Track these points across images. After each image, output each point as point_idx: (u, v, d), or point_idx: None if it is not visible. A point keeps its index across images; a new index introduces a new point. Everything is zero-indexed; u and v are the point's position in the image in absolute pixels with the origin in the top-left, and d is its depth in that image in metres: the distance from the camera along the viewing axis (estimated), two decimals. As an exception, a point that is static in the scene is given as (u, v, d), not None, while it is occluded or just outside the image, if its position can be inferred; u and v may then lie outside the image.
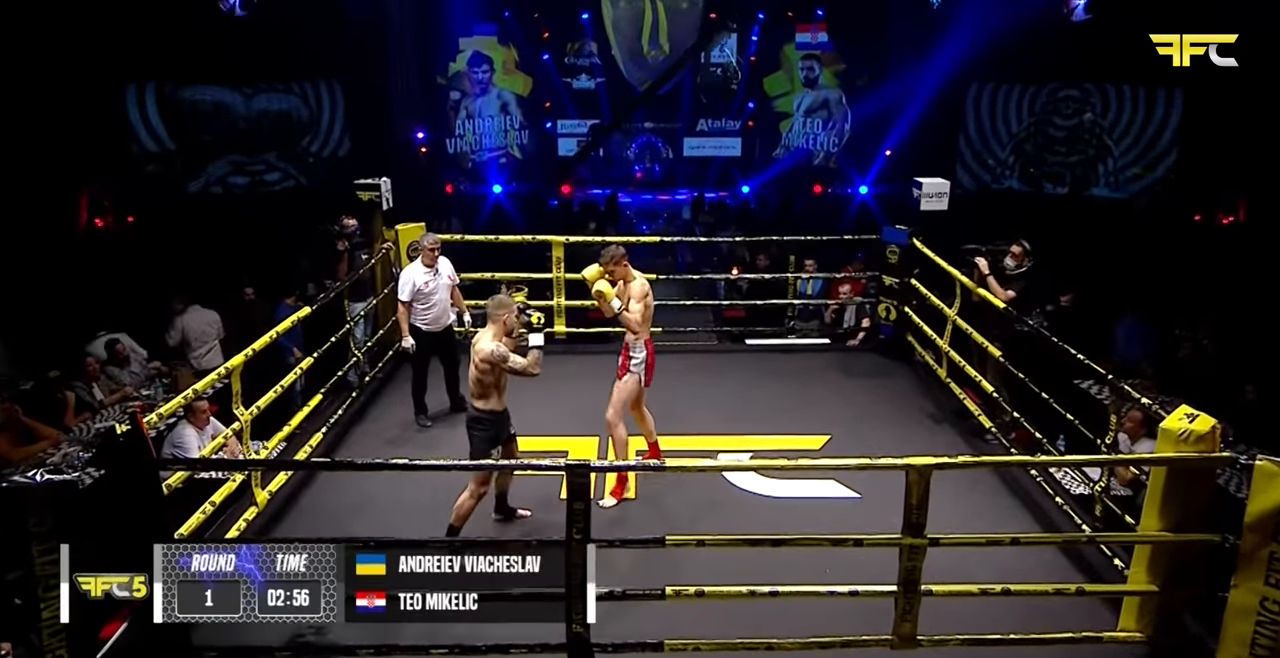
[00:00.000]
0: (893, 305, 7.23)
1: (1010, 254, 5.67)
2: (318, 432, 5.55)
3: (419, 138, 14.20)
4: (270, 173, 12.28)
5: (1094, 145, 12.26)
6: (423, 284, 5.83)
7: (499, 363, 4.17)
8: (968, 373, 5.84)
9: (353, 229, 6.86)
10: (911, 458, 3.48)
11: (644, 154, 16.75)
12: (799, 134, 15.73)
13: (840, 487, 5.02)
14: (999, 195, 12.81)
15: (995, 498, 4.98)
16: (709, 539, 3.68)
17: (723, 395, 6.30)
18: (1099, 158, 12.26)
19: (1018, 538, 3.80)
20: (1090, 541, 4.26)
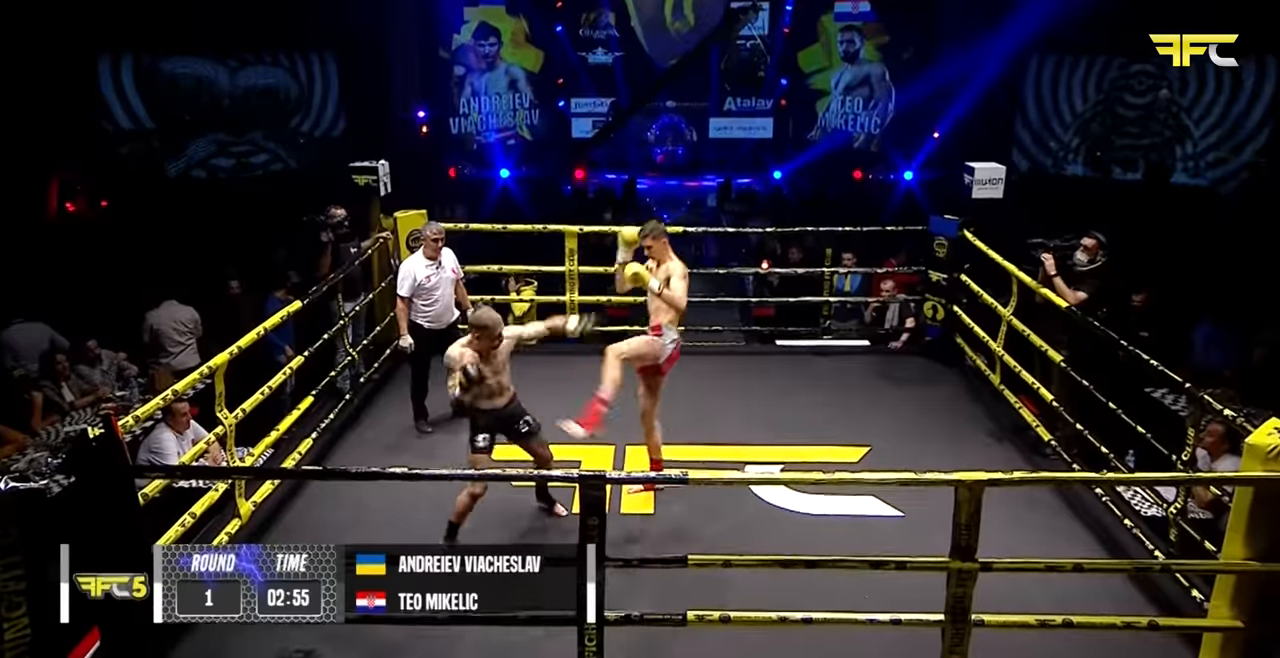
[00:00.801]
0: (940, 304, 7.19)
1: (1082, 247, 5.61)
2: (308, 437, 5.59)
3: (419, 117, 14.28)
4: (257, 154, 12.39)
5: (1171, 126, 12.07)
6: (424, 278, 5.84)
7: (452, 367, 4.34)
8: (1024, 379, 5.80)
9: (339, 220, 6.82)
10: (961, 473, 3.45)
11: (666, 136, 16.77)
12: (837, 114, 15.68)
13: (880, 504, 5.00)
14: (1061, 182, 12.69)
15: (1055, 519, 4.94)
16: (735, 560, 3.67)
17: (751, 402, 6.29)
18: (1176, 140, 12.07)
19: (1081, 564, 3.76)
20: (1165, 569, 4.22)
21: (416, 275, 5.82)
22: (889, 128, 15.23)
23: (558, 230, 7.17)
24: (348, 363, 6.31)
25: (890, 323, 8.08)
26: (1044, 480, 4.90)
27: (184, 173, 11.85)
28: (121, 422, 3.60)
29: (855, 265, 8.03)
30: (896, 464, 5.21)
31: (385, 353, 6.89)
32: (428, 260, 5.86)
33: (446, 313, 5.99)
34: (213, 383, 4.56)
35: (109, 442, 3.43)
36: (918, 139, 14.28)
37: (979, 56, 12.79)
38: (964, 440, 5.87)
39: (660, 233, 4.95)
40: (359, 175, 6.86)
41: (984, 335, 6.44)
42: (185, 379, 4.33)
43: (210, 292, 8.27)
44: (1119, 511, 4.89)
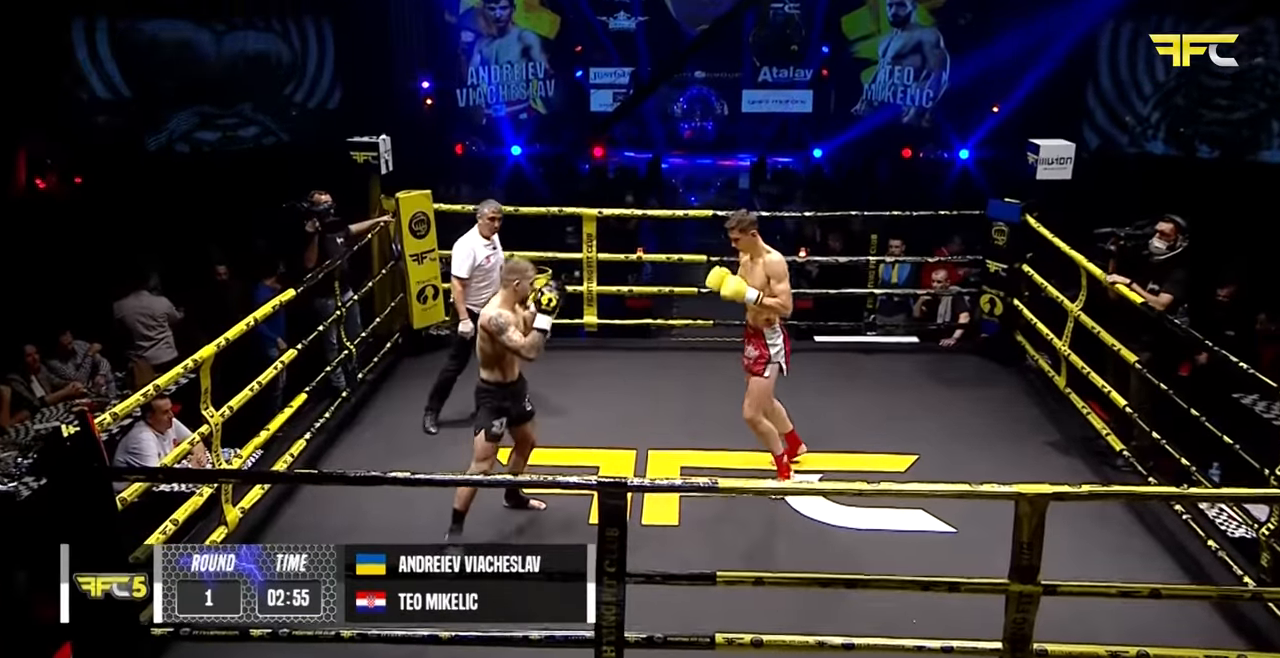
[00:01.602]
0: (998, 297, 7.14)
1: (1158, 233, 5.53)
2: (300, 438, 5.64)
3: (424, 88, 14.34)
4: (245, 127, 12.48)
5: (1266, 98, 11.85)
6: (483, 259, 5.89)
7: (495, 334, 4.51)
8: (1093, 382, 5.75)
9: (324, 207, 6.82)
10: (1022, 485, 3.43)
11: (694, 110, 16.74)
12: (885, 86, 15.59)
13: (930, 518, 4.99)
14: (1138, 161, 12.56)
15: (1128, 538, 4.91)
16: (769, 577, 3.67)
17: (786, 404, 6.25)
18: (1272, 114, 11.87)
19: (1158, 589, 3.72)
20: (1255, 597, 4.17)
21: (476, 255, 5.87)
22: (943, 101, 15.13)
23: (575, 213, 7.18)
24: (344, 358, 6.35)
25: (942, 318, 8.04)
26: (1116, 495, 4.83)
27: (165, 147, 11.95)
28: (98, 419, 3.63)
29: (903, 254, 8.00)
30: (948, 475, 5.15)
31: (384, 347, 6.93)
32: (484, 239, 5.93)
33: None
34: (197, 378, 4.59)
35: (84, 441, 3.47)
36: (975, 113, 14.19)
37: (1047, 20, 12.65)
38: (1024, 449, 5.84)
39: (750, 224, 4.94)
40: (357, 152, 6.90)
41: (1048, 333, 6.39)
42: (167, 374, 4.35)
43: (195, 278, 8.34)
44: (1202, 531, 4.84)
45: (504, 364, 4.67)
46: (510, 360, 4.67)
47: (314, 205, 6.75)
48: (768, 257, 4.93)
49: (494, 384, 4.69)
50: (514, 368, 4.71)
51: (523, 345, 4.50)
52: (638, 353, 7.33)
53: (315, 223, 6.73)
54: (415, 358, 7.17)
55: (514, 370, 4.72)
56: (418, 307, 7.03)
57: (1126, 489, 4.95)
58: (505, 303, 4.60)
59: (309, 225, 6.70)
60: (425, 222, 6.93)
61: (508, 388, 4.71)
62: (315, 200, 6.77)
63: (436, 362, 7.08)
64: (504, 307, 4.59)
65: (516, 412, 4.79)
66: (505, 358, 4.64)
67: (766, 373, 5.06)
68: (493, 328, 4.52)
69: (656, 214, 8.41)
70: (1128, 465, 5.48)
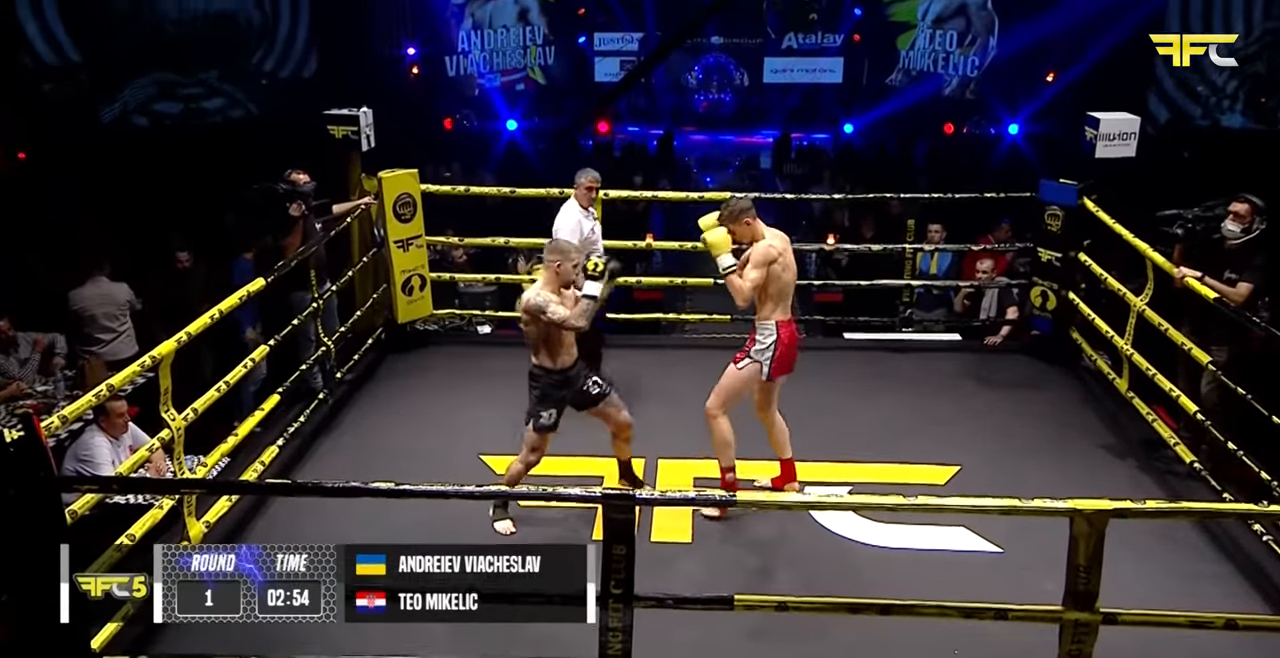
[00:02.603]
0: (1051, 290, 7.13)
1: (1231, 215, 5.49)
2: (272, 444, 5.65)
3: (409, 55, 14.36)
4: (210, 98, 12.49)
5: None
6: (588, 231, 6.15)
7: (536, 314, 4.73)
8: (1160, 384, 5.73)
9: (308, 188, 6.77)
10: (1078, 500, 3.41)
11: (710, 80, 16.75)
12: (924, 53, 15.56)
13: (973, 536, 4.98)
14: (1213, 136, 12.50)
15: (1199, 562, 4.89)
16: (792, 601, 3.64)
17: (812, 409, 6.25)
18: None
19: (1234, 620, 3.70)
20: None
21: (583, 227, 6.12)
22: (990, 70, 15.08)
23: (577, 194, 7.17)
24: (320, 355, 6.35)
25: (987, 313, 8.03)
26: (1186, 512, 4.79)
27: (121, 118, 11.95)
28: (45, 423, 3.64)
29: (944, 241, 7.97)
30: (994, 488, 5.11)
31: (366, 344, 6.93)
32: (584, 210, 6.18)
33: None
34: (156, 377, 4.60)
35: (29, 447, 3.46)
36: (1026, 83, 14.14)
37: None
38: (1081, 460, 5.82)
39: (740, 214, 4.94)
40: (335, 126, 6.89)
41: (1108, 330, 6.37)
42: (123, 372, 4.36)
43: (154, 264, 8.35)
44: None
45: (552, 348, 4.84)
46: (559, 344, 4.85)
47: (296, 186, 6.67)
48: (757, 244, 4.93)
49: (543, 370, 4.88)
50: (564, 352, 4.88)
51: (567, 317, 4.70)
52: (646, 351, 7.32)
53: (301, 205, 6.65)
54: (400, 356, 7.19)
55: (565, 355, 4.89)
56: (403, 299, 7.03)
57: (1197, 506, 4.90)
58: (547, 285, 4.81)
59: (293, 209, 6.61)
60: (411, 204, 6.94)
61: (558, 374, 4.89)
62: (295, 180, 6.68)
63: (423, 360, 7.15)
64: (545, 288, 4.79)
65: (575, 398, 4.97)
66: (552, 341, 4.83)
67: (740, 366, 5.03)
68: (533, 309, 4.72)
69: (668, 196, 8.41)
70: (1199, 479, 5.45)
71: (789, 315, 5.03)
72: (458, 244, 8.04)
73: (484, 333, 8.33)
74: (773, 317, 4.98)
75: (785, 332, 4.99)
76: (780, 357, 4.99)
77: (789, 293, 5.00)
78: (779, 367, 5.01)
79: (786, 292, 4.98)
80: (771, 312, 4.97)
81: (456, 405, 6.45)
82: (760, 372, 5.01)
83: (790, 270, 4.99)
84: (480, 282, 8.27)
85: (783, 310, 4.99)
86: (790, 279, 4.99)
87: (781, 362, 5.00)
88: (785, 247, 4.99)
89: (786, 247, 5.00)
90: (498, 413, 6.29)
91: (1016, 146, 13.90)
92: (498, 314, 8.27)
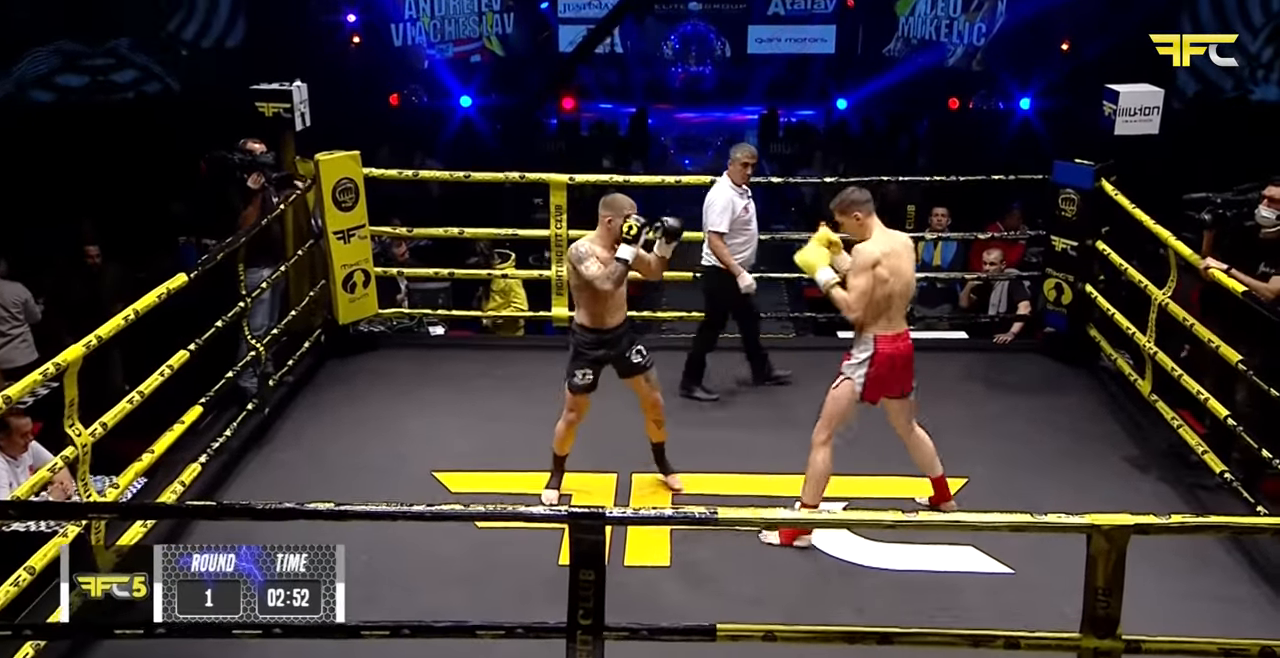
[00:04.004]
0: (1066, 282, 7.17)
1: (1265, 200, 5.51)
2: (195, 461, 5.59)
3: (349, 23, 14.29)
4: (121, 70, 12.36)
5: None
6: (741, 209, 6.41)
7: (575, 264, 5.10)
8: (1187, 386, 5.77)
9: (267, 158, 6.70)
10: (1096, 515, 3.43)
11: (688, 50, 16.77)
12: (926, 20, 15.65)
13: (982, 556, 4.99)
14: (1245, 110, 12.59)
15: (1231, 583, 4.91)
16: (782, 631, 3.65)
17: (804, 415, 6.26)
18: None
19: (1271, 647, 3.71)
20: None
21: (735, 205, 6.37)
22: (998, 38, 15.17)
23: (540, 180, 7.17)
24: (251, 359, 6.30)
25: (996, 308, 8.07)
26: (1215, 527, 4.81)
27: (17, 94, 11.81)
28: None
29: (949, 229, 8.00)
30: (1004, 502, 5.18)
31: (303, 346, 6.89)
32: (742, 188, 6.44)
33: (754, 256, 6.60)
34: (60, 387, 4.55)
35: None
36: (1039, 53, 14.21)
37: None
38: (1099, 470, 5.85)
39: (854, 205, 4.97)
40: (265, 102, 6.84)
41: (1129, 326, 6.41)
42: (20, 383, 4.31)
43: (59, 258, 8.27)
44: (1324, 573, 4.87)
45: (597, 306, 5.16)
46: (599, 302, 5.16)
47: (253, 156, 6.61)
48: (863, 245, 4.93)
49: (580, 327, 5.24)
50: (610, 313, 5.20)
51: (596, 276, 5.03)
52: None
53: (260, 177, 6.59)
54: (342, 360, 7.16)
55: (611, 316, 5.21)
56: (344, 297, 7.00)
57: (1229, 521, 4.95)
58: (599, 239, 5.16)
59: (251, 180, 6.57)
60: (353, 190, 6.90)
61: (600, 334, 5.21)
62: (250, 149, 6.63)
63: (368, 365, 7.11)
64: (596, 242, 5.14)
65: (617, 363, 5.28)
66: (599, 299, 5.13)
67: (835, 384, 5.09)
68: (573, 258, 5.08)
69: (642, 181, 8.40)
70: (1230, 491, 5.47)
71: (896, 329, 4.99)
72: (406, 236, 8.00)
73: (436, 334, 8.30)
74: (871, 329, 4.96)
75: (886, 346, 4.96)
76: (875, 376, 4.98)
77: (896, 304, 4.97)
78: (875, 387, 5.00)
79: (893, 301, 4.94)
80: (871, 323, 4.95)
81: (405, 415, 6.43)
82: (853, 390, 5.02)
83: (899, 277, 4.94)
84: (432, 277, 8.24)
85: (885, 323, 4.95)
86: (899, 288, 4.94)
87: (877, 382, 4.99)
88: (893, 249, 4.95)
89: (895, 250, 4.96)
90: (453, 423, 6.30)
91: (1028, 123, 13.99)
92: (451, 313, 8.26)
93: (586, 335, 5.23)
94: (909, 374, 5.11)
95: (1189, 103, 12.57)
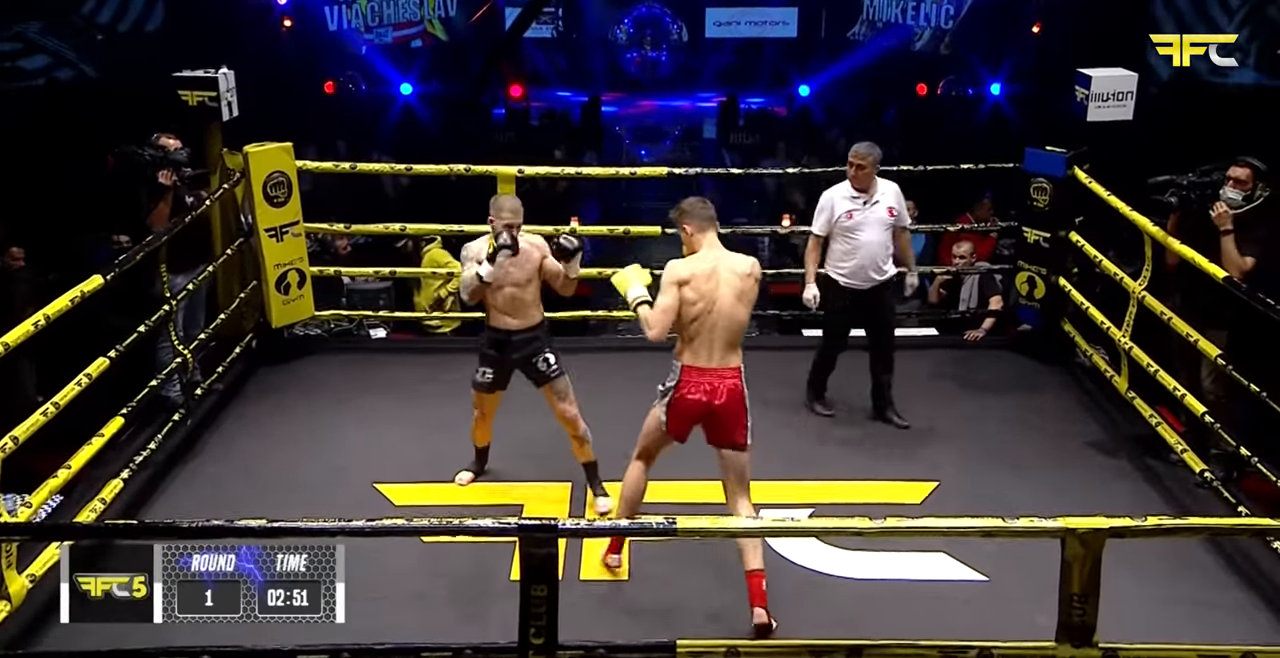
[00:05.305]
0: (1039, 275, 7.23)
1: (1230, 181, 5.63)
2: (116, 477, 5.52)
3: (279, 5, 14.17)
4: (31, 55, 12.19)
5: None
6: (844, 213, 6.23)
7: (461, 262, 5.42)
8: (1163, 382, 5.83)
9: (181, 155, 6.65)
10: (1071, 518, 3.46)
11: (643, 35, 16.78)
12: (891, 1, 15.72)
13: (954, 563, 5.03)
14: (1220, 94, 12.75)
15: (1211, 587, 4.96)
16: (745, 646, 3.67)
17: (766, 418, 6.27)
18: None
19: (1253, 653, 3.77)
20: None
21: (835, 208, 6.25)
22: (967, 20, 15.28)
23: (487, 173, 7.14)
24: (176, 366, 6.23)
25: (967, 304, 8.12)
26: (1194, 529, 4.87)
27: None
28: None
29: (916, 221, 8.04)
30: (977, 507, 5.21)
31: (233, 352, 6.82)
32: (854, 191, 6.26)
33: (871, 267, 6.29)
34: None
35: None
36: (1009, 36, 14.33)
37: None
38: (1075, 471, 5.90)
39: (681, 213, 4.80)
40: (189, 91, 6.76)
41: (1104, 321, 6.48)
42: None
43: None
44: (1307, 576, 4.92)
45: (487, 306, 5.33)
46: (494, 304, 5.30)
47: (167, 152, 6.56)
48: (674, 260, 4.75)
49: (485, 325, 5.47)
50: (499, 315, 5.31)
51: (462, 281, 5.29)
52: (572, 355, 7.17)
53: (171, 174, 6.54)
54: (275, 366, 7.10)
55: (502, 318, 5.32)
56: (277, 298, 6.93)
57: (1207, 522, 5.01)
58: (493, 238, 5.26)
59: (163, 177, 6.51)
60: (285, 184, 6.84)
61: (494, 333, 5.37)
62: (164, 145, 6.58)
63: (304, 371, 7.06)
64: (489, 241, 5.23)
65: (525, 368, 5.39)
66: (487, 300, 5.29)
67: (654, 406, 4.82)
68: (462, 256, 5.34)
69: (595, 173, 8.40)
70: (1209, 490, 5.53)
71: (707, 363, 4.64)
72: (343, 232, 7.94)
73: (377, 338, 8.25)
74: (681, 359, 4.69)
75: (691, 380, 4.64)
76: (676, 412, 4.68)
77: (708, 336, 4.61)
78: (677, 422, 4.71)
79: (702, 331, 4.61)
80: (682, 351, 4.69)
81: (344, 425, 6.39)
82: (659, 419, 4.76)
83: (711, 304, 4.59)
84: (373, 276, 8.20)
85: (692, 355, 4.64)
86: (713, 319, 4.60)
87: (680, 418, 4.70)
88: (710, 272, 4.62)
89: (714, 273, 4.62)
90: (396, 433, 6.26)
91: (998, 109, 14.09)
92: (393, 315, 8.21)
93: (485, 333, 5.45)
94: (735, 424, 4.71)
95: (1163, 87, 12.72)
